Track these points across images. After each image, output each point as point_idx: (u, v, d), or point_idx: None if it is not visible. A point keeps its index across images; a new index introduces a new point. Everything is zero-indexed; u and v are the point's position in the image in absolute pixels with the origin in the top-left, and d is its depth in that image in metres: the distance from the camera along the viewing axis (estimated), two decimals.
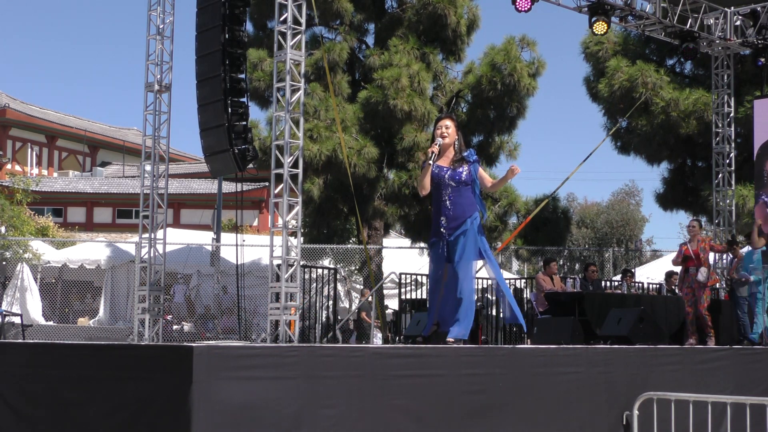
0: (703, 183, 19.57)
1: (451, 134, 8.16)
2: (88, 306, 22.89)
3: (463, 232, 7.99)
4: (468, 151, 8.20)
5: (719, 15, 16.66)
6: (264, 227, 37.71)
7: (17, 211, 23.99)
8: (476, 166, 8.16)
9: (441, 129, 8.17)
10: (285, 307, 11.33)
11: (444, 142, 8.13)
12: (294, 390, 6.01)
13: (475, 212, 8.09)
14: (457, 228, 8.02)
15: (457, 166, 8.10)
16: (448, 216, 8.07)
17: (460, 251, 7.99)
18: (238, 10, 13.22)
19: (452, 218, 8.05)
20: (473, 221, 8.05)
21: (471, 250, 8.00)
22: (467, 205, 8.06)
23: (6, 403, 6.74)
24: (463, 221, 8.02)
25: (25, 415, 6.63)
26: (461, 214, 8.04)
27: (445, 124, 8.20)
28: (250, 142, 13.27)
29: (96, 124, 52.26)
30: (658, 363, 8.90)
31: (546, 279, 14.84)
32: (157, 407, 5.76)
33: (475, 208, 8.11)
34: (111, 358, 6.23)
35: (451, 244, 8.03)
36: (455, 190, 8.05)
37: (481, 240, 8.08)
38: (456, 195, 8.05)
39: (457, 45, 19.95)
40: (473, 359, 7.29)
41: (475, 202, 8.13)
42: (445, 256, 8.07)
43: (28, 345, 8.41)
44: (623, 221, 48.08)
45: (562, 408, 7.84)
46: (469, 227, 8.00)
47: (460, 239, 8.00)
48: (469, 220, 8.03)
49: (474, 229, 8.03)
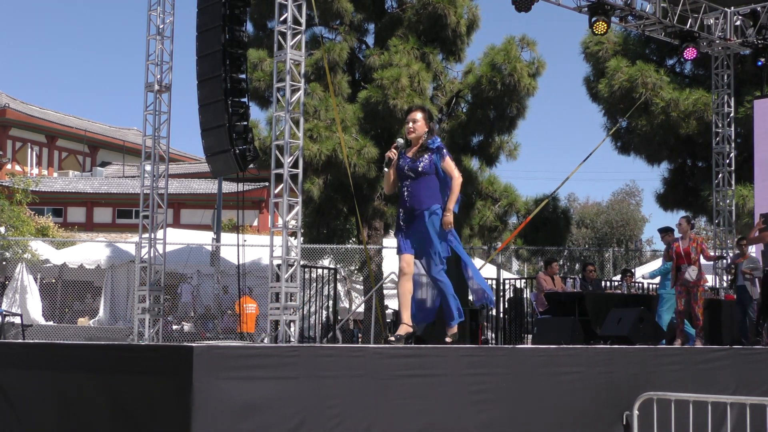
0: (703, 183, 19.57)
1: (419, 128, 7.72)
2: (88, 306, 22.90)
3: (419, 226, 7.61)
4: (431, 139, 7.72)
5: (719, 15, 16.66)
6: (264, 227, 37.73)
7: (17, 211, 23.99)
8: (439, 154, 7.66)
9: (409, 123, 7.76)
10: (285, 307, 11.34)
11: (411, 137, 7.73)
12: (295, 390, 6.00)
13: (434, 204, 7.61)
14: (413, 221, 7.64)
15: (418, 156, 7.67)
16: (405, 208, 7.71)
17: (423, 245, 7.64)
18: (238, 10, 13.23)
19: (408, 210, 7.68)
20: (431, 213, 7.59)
21: (435, 244, 7.59)
22: (425, 196, 7.61)
23: (7, 403, 6.74)
24: (419, 213, 7.60)
25: (25, 415, 6.63)
26: (417, 206, 7.60)
27: (413, 118, 7.78)
28: (251, 142, 13.28)
29: (96, 124, 52.28)
30: (658, 363, 8.90)
31: (547, 279, 14.85)
32: (157, 407, 5.76)
33: (435, 199, 7.62)
34: (111, 358, 6.22)
35: (411, 238, 7.67)
36: (413, 181, 7.64)
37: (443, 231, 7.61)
38: (414, 186, 7.64)
39: (457, 45, 19.95)
40: (474, 359, 7.29)
41: (436, 193, 7.63)
42: (408, 250, 7.69)
43: (28, 345, 8.41)
44: (623, 221, 48.12)
45: (563, 408, 7.84)
46: (427, 220, 7.57)
47: (417, 233, 7.63)
48: (426, 212, 7.59)
49: (432, 221, 7.57)
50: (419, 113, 7.79)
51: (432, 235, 7.60)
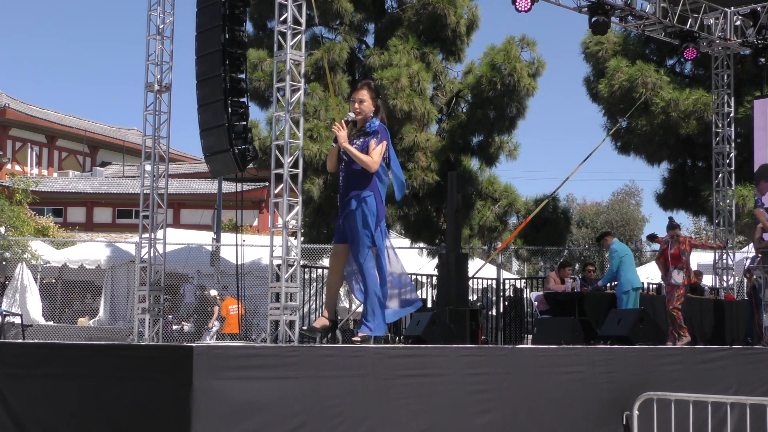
0: (703, 183, 19.56)
1: (366, 107, 7.25)
2: (88, 306, 22.91)
3: (349, 212, 7.18)
4: (370, 122, 7.24)
5: (719, 15, 16.65)
6: (264, 227, 37.72)
7: (17, 211, 23.98)
8: (371, 138, 7.16)
9: (355, 103, 7.28)
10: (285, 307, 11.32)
11: (358, 118, 7.26)
12: (296, 390, 6.00)
13: (366, 190, 7.16)
14: (345, 206, 7.22)
15: (355, 138, 7.22)
16: (340, 193, 7.32)
17: (350, 235, 7.19)
18: (238, 10, 13.21)
19: (342, 195, 7.27)
20: (360, 200, 7.14)
21: (360, 234, 7.14)
22: (355, 181, 7.17)
23: (6, 403, 6.73)
24: (348, 199, 7.19)
25: (25, 415, 6.63)
26: (347, 191, 7.19)
27: (359, 98, 7.28)
28: (250, 142, 13.26)
29: (96, 124, 52.27)
30: (658, 363, 8.89)
31: (557, 280, 14.88)
32: (156, 407, 5.75)
33: (367, 185, 7.16)
34: (111, 358, 6.22)
35: (345, 225, 7.25)
36: (347, 165, 7.21)
37: (370, 223, 7.15)
38: (347, 171, 7.22)
39: (457, 45, 19.96)
40: (474, 359, 7.29)
41: (367, 179, 7.16)
42: (339, 235, 7.32)
43: (27, 345, 8.40)
44: (623, 221, 48.13)
45: (563, 408, 7.84)
46: (355, 207, 7.13)
47: (348, 220, 7.21)
48: (354, 200, 7.15)
49: (362, 209, 7.12)
50: (365, 90, 7.31)
51: (359, 222, 7.15)
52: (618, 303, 13.46)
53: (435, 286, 17.47)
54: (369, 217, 7.16)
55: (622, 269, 13.55)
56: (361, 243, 7.16)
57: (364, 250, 7.16)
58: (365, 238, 7.16)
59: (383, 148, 7.21)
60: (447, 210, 15.21)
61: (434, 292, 17.73)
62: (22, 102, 47.68)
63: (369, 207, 7.17)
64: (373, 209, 7.19)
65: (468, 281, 15.46)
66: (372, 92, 7.34)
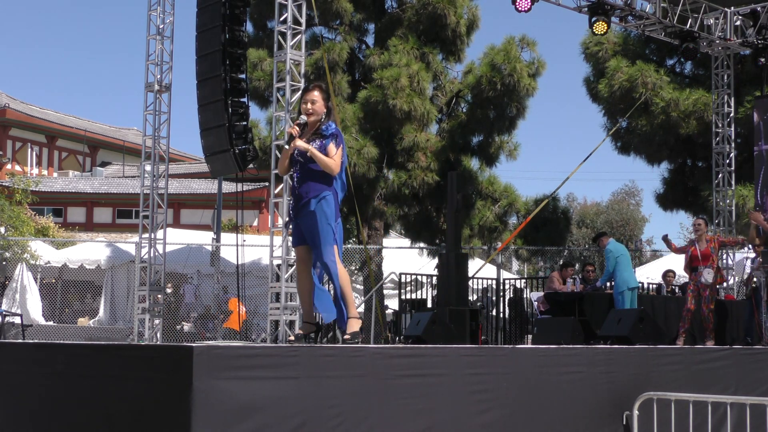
0: (703, 183, 19.57)
1: (318, 108, 7.22)
2: (88, 306, 22.92)
3: (308, 213, 7.14)
4: (326, 125, 7.22)
5: (719, 15, 16.66)
6: (264, 227, 37.72)
7: (17, 211, 23.98)
8: (330, 141, 7.16)
9: (307, 104, 7.24)
10: (285, 307, 11.33)
11: (310, 119, 7.21)
12: (296, 390, 6.00)
13: (324, 191, 7.16)
14: (301, 208, 7.18)
15: (311, 140, 7.17)
16: (294, 195, 7.29)
17: (311, 235, 7.16)
18: (238, 10, 13.24)
19: (297, 197, 7.24)
20: (319, 199, 7.14)
21: (323, 231, 7.11)
22: (313, 183, 7.16)
23: (5, 403, 6.74)
24: (306, 201, 7.16)
25: (25, 415, 6.63)
26: (305, 193, 7.17)
27: (311, 99, 7.23)
28: (251, 142, 13.28)
29: (96, 124, 52.28)
30: (658, 363, 8.89)
31: (560, 280, 14.90)
32: (156, 407, 5.75)
33: (324, 187, 7.18)
34: (111, 358, 6.22)
35: (301, 226, 7.23)
36: (302, 166, 7.18)
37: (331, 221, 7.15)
38: (302, 172, 7.18)
39: (457, 45, 19.96)
40: (475, 359, 7.29)
41: (325, 180, 7.18)
42: (298, 238, 7.28)
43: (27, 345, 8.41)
44: (623, 221, 48.14)
45: (563, 408, 7.84)
46: (314, 207, 7.12)
47: (304, 221, 7.17)
48: (314, 199, 7.15)
49: (323, 207, 7.13)
50: (317, 92, 7.26)
51: (320, 220, 7.13)
52: (615, 303, 13.44)
53: (435, 286, 17.47)
54: (329, 214, 7.19)
55: (617, 269, 13.53)
56: (326, 241, 7.16)
57: (328, 247, 7.16)
58: (329, 236, 7.17)
59: (341, 152, 7.28)
60: (447, 210, 15.21)
61: (434, 292, 17.73)
62: (22, 102, 47.69)
63: (329, 205, 7.19)
64: (332, 207, 7.23)
65: (468, 281, 15.47)
66: (324, 93, 7.32)
